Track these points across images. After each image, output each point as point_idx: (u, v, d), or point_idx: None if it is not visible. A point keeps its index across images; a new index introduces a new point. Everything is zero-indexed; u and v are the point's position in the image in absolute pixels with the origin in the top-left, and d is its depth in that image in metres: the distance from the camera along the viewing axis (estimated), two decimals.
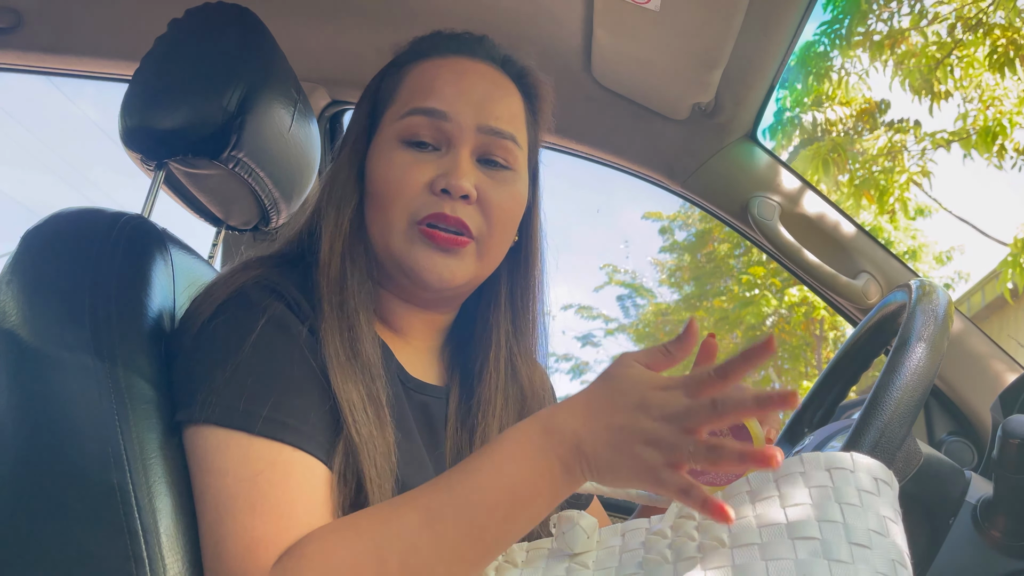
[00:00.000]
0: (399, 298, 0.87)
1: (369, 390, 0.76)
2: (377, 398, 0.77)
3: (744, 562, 0.59)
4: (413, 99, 0.84)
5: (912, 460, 0.92)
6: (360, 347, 0.78)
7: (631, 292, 13.15)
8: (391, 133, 0.84)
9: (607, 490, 0.75)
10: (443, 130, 0.82)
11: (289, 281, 0.79)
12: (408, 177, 0.81)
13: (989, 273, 8.61)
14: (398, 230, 0.81)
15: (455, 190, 0.80)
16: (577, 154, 1.55)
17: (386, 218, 0.82)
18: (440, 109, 0.82)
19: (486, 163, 0.84)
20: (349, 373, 0.76)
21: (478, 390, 0.88)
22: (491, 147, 0.84)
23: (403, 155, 0.82)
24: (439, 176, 0.81)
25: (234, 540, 0.66)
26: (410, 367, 0.87)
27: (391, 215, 0.81)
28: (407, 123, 0.82)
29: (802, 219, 1.48)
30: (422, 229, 0.80)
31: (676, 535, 0.64)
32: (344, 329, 0.78)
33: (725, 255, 11.53)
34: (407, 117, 0.83)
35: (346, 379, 0.75)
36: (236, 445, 0.69)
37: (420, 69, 0.87)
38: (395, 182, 0.81)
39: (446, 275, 0.81)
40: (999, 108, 4.91)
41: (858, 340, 1.13)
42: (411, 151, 0.82)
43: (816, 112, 5.53)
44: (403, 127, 0.83)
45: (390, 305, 0.87)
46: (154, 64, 0.97)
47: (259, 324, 0.73)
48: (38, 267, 0.77)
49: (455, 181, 0.80)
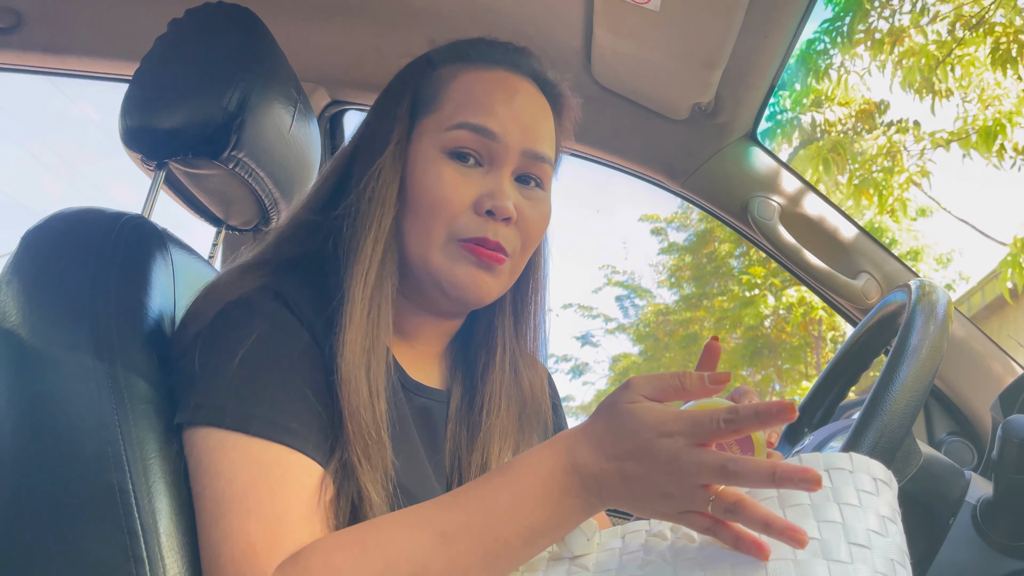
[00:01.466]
0: (417, 307, 0.87)
1: (377, 397, 0.76)
2: (379, 421, 0.76)
3: (744, 563, 0.59)
4: (462, 112, 0.82)
5: (912, 460, 0.92)
6: (373, 362, 0.77)
7: (630, 293, 13.16)
8: (436, 143, 0.82)
9: None
10: (491, 149, 0.82)
11: (292, 286, 0.79)
12: (454, 194, 0.80)
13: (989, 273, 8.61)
14: (437, 245, 0.81)
15: (500, 212, 0.80)
16: (577, 154, 1.55)
17: (428, 232, 0.81)
18: (492, 130, 0.82)
19: (522, 181, 0.85)
20: (363, 379, 0.75)
21: (482, 390, 0.88)
22: (531, 169, 0.85)
23: (449, 170, 0.81)
24: (484, 196, 0.81)
25: (231, 544, 0.66)
26: (412, 370, 0.86)
27: (433, 230, 0.81)
28: (455, 136, 0.82)
29: (802, 219, 1.48)
30: (464, 245, 0.80)
31: (676, 537, 0.64)
32: (367, 339, 0.77)
33: (725, 255, 11.53)
34: (456, 130, 0.82)
35: (358, 394, 0.74)
36: (233, 447, 0.69)
37: (468, 78, 0.85)
38: (441, 198, 0.80)
39: (484, 291, 0.82)
40: (999, 108, 4.91)
41: (858, 340, 1.13)
42: (456, 164, 0.81)
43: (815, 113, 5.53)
44: (451, 139, 0.82)
45: (404, 312, 0.87)
46: (154, 64, 0.97)
47: (260, 328, 0.73)
48: (38, 267, 0.77)
49: (501, 203, 0.80)
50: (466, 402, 0.89)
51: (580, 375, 14.00)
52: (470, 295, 0.81)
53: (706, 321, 11.88)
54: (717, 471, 0.57)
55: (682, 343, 12.25)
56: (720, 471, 0.57)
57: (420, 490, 0.78)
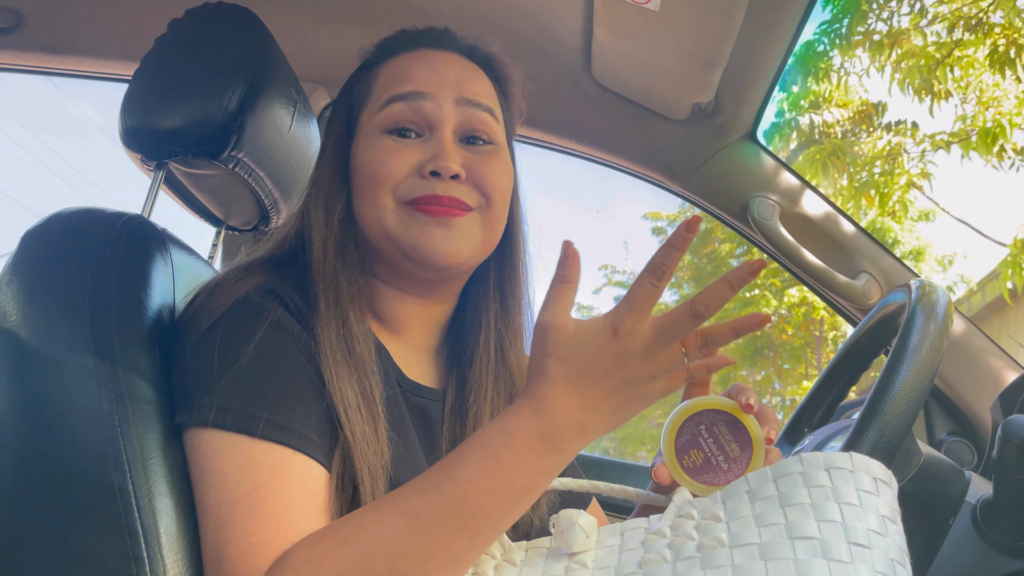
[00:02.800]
0: (398, 289, 0.86)
1: (363, 387, 0.76)
2: (371, 395, 0.77)
3: (743, 562, 0.59)
4: (389, 89, 0.84)
5: (912, 460, 0.92)
6: (354, 344, 0.78)
7: None
8: (372, 126, 0.84)
9: (604, 488, 0.75)
10: (423, 112, 0.83)
11: (288, 285, 0.79)
12: (395, 161, 0.81)
13: (989, 274, 8.61)
14: (389, 211, 0.81)
15: (444, 171, 0.80)
16: (577, 154, 1.55)
17: (376, 202, 0.81)
18: (418, 90, 0.83)
19: (469, 141, 0.84)
20: (344, 371, 0.75)
21: (469, 374, 0.88)
22: (471, 122, 0.84)
23: (387, 141, 0.82)
24: (427, 160, 0.81)
25: (234, 545, 0.66)
26: (408, 369, 0.86)
27: (380, 199, 0.81)
28: (387, 112, 0.83)
29: (802, 219, 1.48)
30: (415, 207, 0.80)
31: (675, 534, 0.64)
32: (339, 326, 0.78)
33: (725, 255, 11.53)
34: (386, 107, 0.83)
35: (341, 377, 0.75)
36: (237, 449, 0.69)
37: (391, 65, 0.88)
38: (382, 168, 0.81)
39: (449, 247, 0.80)
40: (998, 109, 4.91)
41: (858, 340, 1.13)
42: (395, 139, 0.82)
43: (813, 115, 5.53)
44: (384, 117, 0.83)
45: (387, 299, 0.87)
46: (154, 64, 0.97)
47: (261, 329, 0.73)
48: (38, 267, 0.77)
49: (443, 163, 0.80)
50: (459, 391, 0.89)
51: None
52: (435, 255, 0.80)
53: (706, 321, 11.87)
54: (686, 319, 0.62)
55: None
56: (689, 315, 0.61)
57: None
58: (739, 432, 0.68)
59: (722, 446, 0.68)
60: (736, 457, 0.68)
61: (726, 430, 0.69)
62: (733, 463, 0.68)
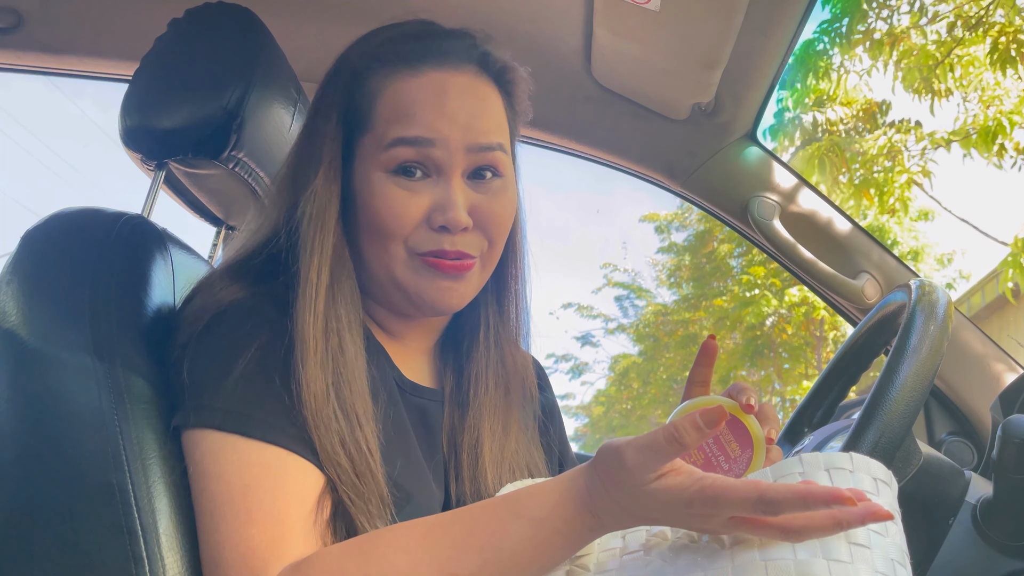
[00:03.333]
0: (394, 313, 0.86)
1: (357, 445, 0.73)
2: (366, 450, 0.73)
3: (744, 563, 0.59)
4: (394, 128, 0.79)
5: (912, 460, 0.92)
6: (344, 390, 0.74)
7: (630, 293, 13.17)
8: (377, 165, 0.79)
9: None
10: (432, 157, 0.78)
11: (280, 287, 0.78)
12: (404, 213, 0.78)
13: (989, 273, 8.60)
14: (400, 261, 0.79)
15: (453, 225, 0.78)
16: (577, 154, 1.55)
17: (386, 251, 0.79)
18: (426, 137, 0.78)
19: (477, 176, 0.81)
20: (334, 426, 0.72)
21: (468, 369, 0.88)
22: (480, 162, 0.80)
23: (395, 189, 0.78)
24: (434, 211, 0.78)
25: (230, 548, 0.66)
26: (406, 370, 0.86)
27: (390, 248, 0.79)
28: (393, 154, 0.78)
29: (802, 219, 1.48)
30: (426, 260, 0.79)
31: (677, 537, 0.64)
32: (327, 371, 0.74)
33: (725, 255, 11.53)
34: (392, 148, 0.78)
35: (331, 432, 0.71)
36: (232, 450, 0.69)
37: (395, 89, 0.80)
38: (392, 218, 0.78)
39: (455, 300, 0.81)
40: (999, 107, 4.90)
41: (858, 340, 1.13)
42: (402, 181, 0.78)
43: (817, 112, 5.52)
44: (389, 158, 0.78)
45: (388, 318, 0.86)
46: (154, 64, 0.97)
47: (259, 333, 0.73)
48: (38, 267, 0.77)
49: (452, 215, 0.77)
50: (457, 388, 0.89)
51: (580, 375, 14.02)
52: (441, 305, 0.81)
53: (706, 321, 11.89)
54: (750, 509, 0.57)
55: (681, 343, 12.25)
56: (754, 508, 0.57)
57: (418, 491, 0.78)
58: (740, 432, 0.68)
59: (723, 446, 0.68)
60: (737, 457, 0.68)
61: (726, 430, 0.69)
62: (734, 463, 0.68)
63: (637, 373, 13.40)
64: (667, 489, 0.59)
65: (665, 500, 0.59)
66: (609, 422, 14.63)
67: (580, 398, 15.25)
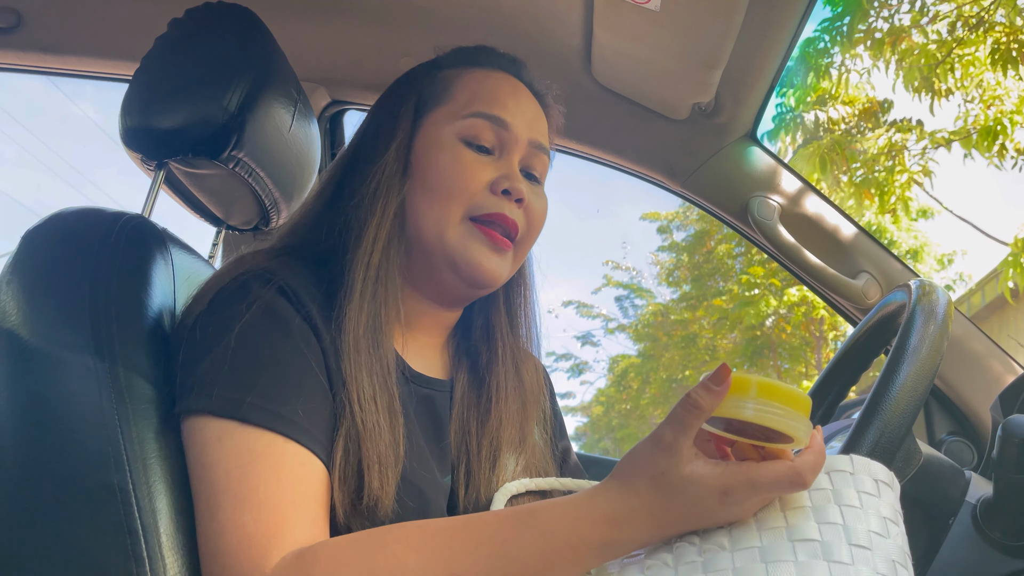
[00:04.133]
0: (421, 295, 0.88)
1: (383, 381, 0.77)
2: (390, 390, 0.77)
3: (744, 565, 0.59)
4: (476, 103, 0.87)
5: (912, 460, 0.92)
6: (381, 339, 0.79)
7: (630, 292, 13.17)
8: (452, 130, 0.86)
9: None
10: (503, 137, 0.87)
11: (291, 271, 0.79)
12: (471, 174, 0.84)
13: (989, 273, 8.61)
14: (454, 223, 0.84)
15: (516, 192, 0.85)
16: (577, 154, 1.55)
17: (444, 210, 0.84)
18: (504, 118, 0.87)
19: (526, 174, 0.90)
20: (364, 362, 0.76)
21: (488, 382, 0.90)
22: (534, 161, 0.90)
23: (466, 152, 0.85)
24: (500, 178, 0.85)
25: (227, 536, 0.66)
26: (413, 361, 0.87)
27: (450, 208, 0.84)
28: (471, 124, 0.86)
29: (802, 219, 1.48)
30: (479, 227, 0.84)
31: (677, 540, 0.64)
32: (371, 317, 0.79)
33: (725, 255, 11.53)
34: (472, 118, 0.86)
35: (360, 367, 0.76)
36: (228, 436, 0.69)
37: (476, 76, 0.91)
38: (459, 177, 0.84)
39: (496, 273, 0.85)
40: (1000, 107, 4.90)
41: (858, 340, 1.13)
42: (470, 150, 0.86)
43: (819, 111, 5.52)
44: (466, 127, 0.86)
45: (408, 302, 0.88)
46: (154, 64, 0.97)
47: (249, 312, 0.73)
48: (38, 267, 0.77)
49: (515, 184, 0.85)
50: (473, 391, 0.90)
51: (580, 374, 14.03)
52: (483, 274, 0.84)
53: (705, 321, 11.89)
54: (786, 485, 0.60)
55: (681, 343, 12.25)
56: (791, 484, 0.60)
57: (422, 480, 0.78)
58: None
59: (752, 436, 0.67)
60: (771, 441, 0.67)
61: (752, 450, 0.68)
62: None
63: (637, 373, 13.40)
64: (703, 475, 0.59)
65: (701, 490, 0.59)
66: (609, 422, 14.63)
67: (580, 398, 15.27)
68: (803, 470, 0.59)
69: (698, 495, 0.59)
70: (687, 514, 0.61)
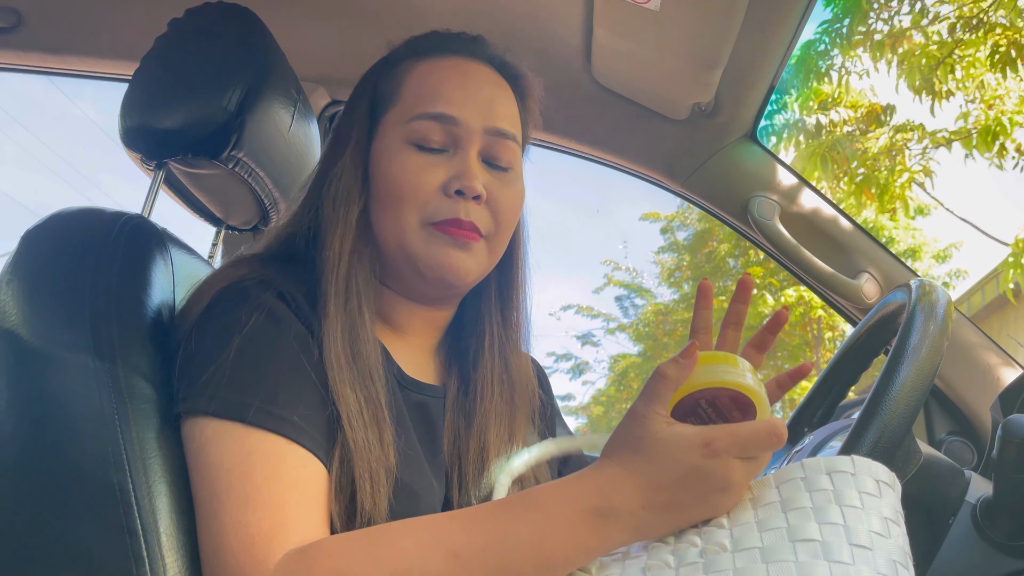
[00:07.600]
0: (403, 296, 0.87)
1: (368, 393, 0.76)
2: (376, 400, 0.77)
3: (745, 565, 0.59)
4: (420, 103, 0.84)
5: (912, 460, 0.92)
6: (361, 348, 0.78)
7: (630, 292, 13.16)
8: (398, 135, 0.84)
9: None
10: (452, 133, 0.84)
11: (287, 278, 0.79)
12: (421, 180, 0.82)
13: (989, 273, 8.61)
14: (412, 230, 0.82)
15: (469, 191, 0.82)
16: (577, 154, 1.55)
17: (399, 219, 0.82)
18: (450, 114, 0.83)
19: (490, 164, 0.86)
20: (347, 376, 0.75)
21: (474, 377, 0.89)
22: (495, 148, 0.85)
23: (414, 157, 0.83)
24: (452, 178, 0.82)
25: (229, 535, 0.66)
26: (407, 367, 0.87)
27: (405, 216, 0.82)
28: (416, 127, 0.83)
29: (802, 219, 1.48)
30: (437, 227, 0.82)
31: (678, 541, 0.64)
32: (347, 329, 0.78)
33: (725, 255, 11.53)
34: (416, 121, 0.83)
35: (344, 382, 0.75)
36: (230, 436, 0.69)
37: (422, 70, 0.87)
38: (408, 184, 0.82)
39: (462, 270, 0.83)
40: (1000, 108, 4.90)
41: (858, 340, 1.13)
42: (421, 153, 0.83)
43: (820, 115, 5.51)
44: (412, 131, 0.83)
45: (392, 303, 0.87)
46: (154, 64, 0.97)
47: (252, 316, 0.73)
48: (38, 267, 0.77)
49: (468, 183, 0.81)
50: (461, 392, 0.89)
51: (580, 375, 14.02)
52: (448, 275, 0.82)
53: None
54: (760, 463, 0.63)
55: (681, 343, 12.23)
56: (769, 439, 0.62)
57: (418, 486, 0.78)
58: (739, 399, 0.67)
59: (724, 416, 0.67)
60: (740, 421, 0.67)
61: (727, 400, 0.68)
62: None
63: (637, 373, 13.40)
64: (682, 432, 0.61)
65: (683, 444, 0.61)
66: (609, 422, 14.62)
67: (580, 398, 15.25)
68: (778, 423, 0.62)
69: (680, 451, 0.61)
70: (673, 473, 0.61)
